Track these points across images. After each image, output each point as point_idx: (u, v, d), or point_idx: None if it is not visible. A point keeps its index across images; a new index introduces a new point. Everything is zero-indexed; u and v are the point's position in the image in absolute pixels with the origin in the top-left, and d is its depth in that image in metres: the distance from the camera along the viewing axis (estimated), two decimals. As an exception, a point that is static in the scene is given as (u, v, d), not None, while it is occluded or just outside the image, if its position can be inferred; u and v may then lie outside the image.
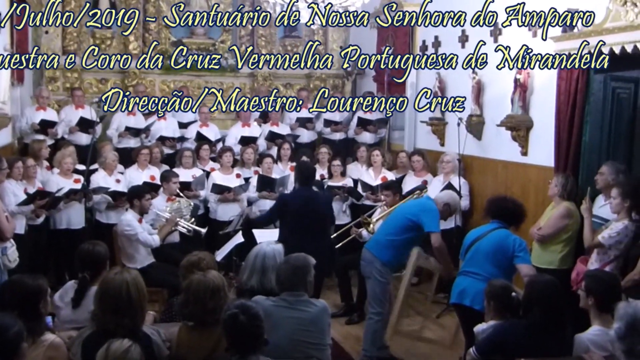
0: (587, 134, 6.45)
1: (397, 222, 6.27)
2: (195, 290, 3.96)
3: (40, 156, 8.22)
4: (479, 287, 5.20)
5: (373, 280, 6.25)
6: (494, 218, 5.62)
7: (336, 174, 9.20)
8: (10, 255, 5.94)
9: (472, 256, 5.53)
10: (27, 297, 3.74)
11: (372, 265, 6.22)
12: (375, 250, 6.24)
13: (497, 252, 5.41)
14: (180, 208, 7.93)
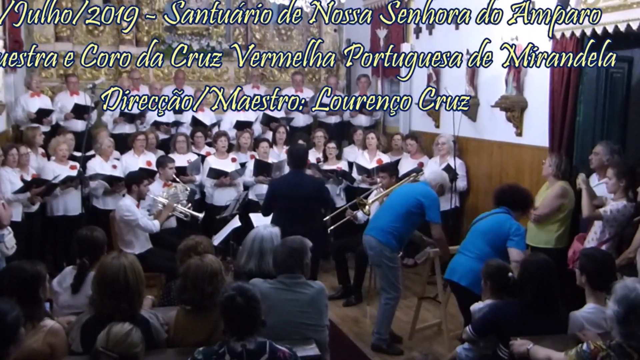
0: (581, 113, 6.47)
1: (400, 209, 6.26)
2: (192, 275, 3.98)
3: (35, 143, 8.22)
4: (469, 264, 5.43)
5: (384, 267, 6.28)
6: (498, 205, 5.68)
7: (331, 157, 9.22)
8: (8, 242, 5.95)
9: (469, 236, 5.68)
10: (26, 283, 3.75)
11: (382, 254, 6.25)
12: (382, 238, 6.23)
13: (493, 232, 5.52)
14: (177, 193, 7.94)
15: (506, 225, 5.49)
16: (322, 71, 11.80)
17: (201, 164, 8.97)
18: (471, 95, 8.23)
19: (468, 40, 8.28)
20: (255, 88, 10.93)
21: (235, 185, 8.86)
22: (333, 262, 8.12)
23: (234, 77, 11.59)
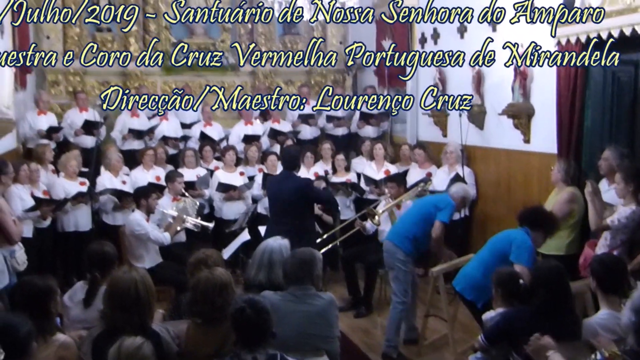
0: (589, 118, 6.46)
1: (417, 215, 6.49)
2: (203, 288, 3.98)
3: (45, 160, 8.26)
4: (466, 270, 5.66)
5: (397, 271, 6.41)
6: (521, 225, 5.61)
7: (340, 169, 9.23)
8: (19, 258, 5.98)
9: (482, 249, 5.72)
10: (37, 297, 3.77)
11: (395, 257, 6.39)
12: (397, 241, 6.41)
13: (498, 243, 5.58)
14: (186, 207, 7.96)
15: (511, 237, 5.49)
16: (328, 83, 11.82)
17: (210, 178, 8.98)
18: (478, 104, 8.23)
19: (473, 49, 8.28)
20: (262, 101, 10.97)
21: (244, 199, 8.87)
22: (343, 273, 8.10)
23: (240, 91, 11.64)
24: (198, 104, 10.57)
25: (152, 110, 10.14)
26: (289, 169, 6.99)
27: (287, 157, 7.18)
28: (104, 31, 11.08)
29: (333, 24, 11.63)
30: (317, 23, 11.20)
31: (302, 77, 11.91)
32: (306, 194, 6.83)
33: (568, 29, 6.33)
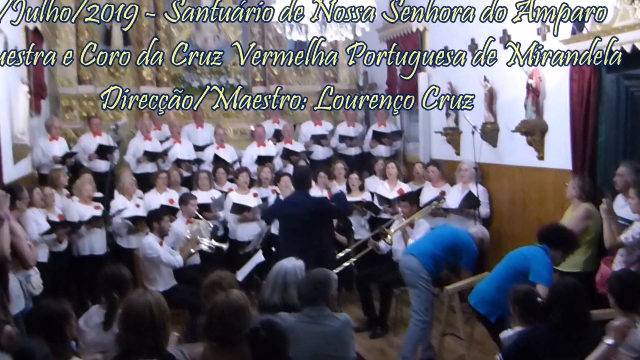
0: (603, 134, 6.42)
1: (445, 242, 6.62)
2: (219, 311, 3.94)
3: (59, 184, 8.29)
4: (480, 285, 5.69)
5: (419, 289, 6.44)
6: (540, 242, 5.60)
7: (354, 189, 9.22)
8: (35, 282, 5.99)
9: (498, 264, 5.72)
10: (52, 321, 3.77)
11: (419, 275, 6.43)
12: (423, 260, 6.44)
13: (516, 259, 5.56)
14: (200, 230, 7.96)
15: (527, 255, 5.48)
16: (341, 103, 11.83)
17: (224, 200, 9.00)
18: (491, 121, 8.22)
19: (484, 68, 8.28)
20: (275, 123, 11.02)
21: (258, 220, 8.87)
22: (357, 293, 8.07)
23: (253, 112, 11.71)
24: (198, 103, 10.97)
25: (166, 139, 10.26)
26: (301, 188, 6.96)
27: (298, 176, 7.17)
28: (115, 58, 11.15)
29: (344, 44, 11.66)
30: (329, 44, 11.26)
31: (314, 98, 11.95)
32: (322, 209, 6.77)
33: (580, 44, 6.32)
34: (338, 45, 11.81)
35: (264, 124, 10.85)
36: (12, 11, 7.97)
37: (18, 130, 7.74)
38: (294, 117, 11.70)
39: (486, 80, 8.15)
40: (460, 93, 8.97)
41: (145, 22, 11.16)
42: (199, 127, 10.79)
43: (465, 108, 8.60)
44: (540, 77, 7.20)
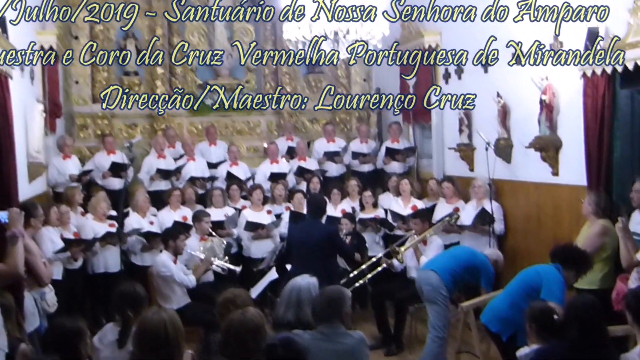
0: (618, 149, 6.38)
1: (464, 261, 6.67)
2: (235, 330, 3.91)
3: (74, 202, 8.32)
4: (493, 302, 5.66)
5: (438, 306, 6.46)
6: (553, 261, 5.59)
7: (368, 206, 9.20)
8: (49, 300, 6.03)
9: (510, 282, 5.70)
10: (67, 339, 3.78)
11: (438, 291, 6.45)
12: (443, 276, 6.47)
13: (528, 276, 5.55)
14: (214, 247, 7.99)
15: (541, 272, 5.47)
16: (353, 120, 11.89)
17: (238, 217, 9.01)
18: (504, 137, 8.19)
19: (498, 83, 8.28)
20: (288, 140, 11.05)
21: (272, 237, 8.88)
22: (372, 310, 8.03)
23: (266, 130, 11.77)
24: (199, 101, 11.29)
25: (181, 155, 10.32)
26: (315, 216, 7.11)
27: (315, 204, 7.26)
28: (131, 75, 11.28)
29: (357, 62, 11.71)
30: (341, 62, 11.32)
31: (326, 115, 11.99)
32: (332, 242, 6.99)
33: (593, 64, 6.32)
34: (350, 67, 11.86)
35: (277, 141, 10.88)
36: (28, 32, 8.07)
37: (33, 149, 7.81)
38: (307, 134, 11.74)
39: (499, 96, 8.13)
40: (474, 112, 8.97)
41: (160, 42, 11.24)
42: (212, 145, 10.83)
43: (467, 108, 8.80)
44: (553, 92, 7.17)
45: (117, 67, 11.30)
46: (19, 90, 7.16)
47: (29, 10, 7.99)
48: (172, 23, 11.41)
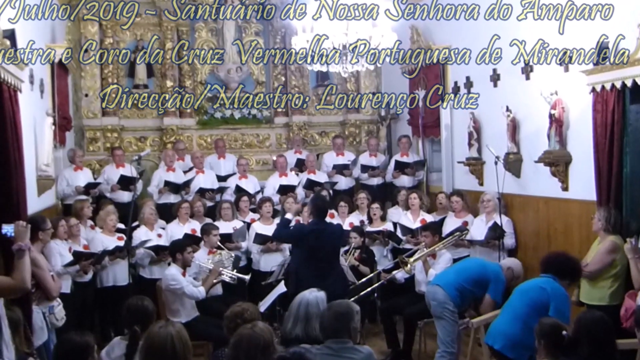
0: (628, 165, 6.34)
1: (472, 274, 6.63)
2: (245, 346, 3.89)
3: (83, 215, 8.34)
4: (501, 327, 5.54)
5: (445, 321, 6.47)
6: (544, 272, 5.65)
7: (375, 219, 9.18)
8: (58, 314, 6.02)
9: (511, 297, 5.69)
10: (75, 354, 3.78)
11: (443, 306, 6.46)
12: (449, 291, 6.48)
13: (532, 291, 5.54)
14: (222, 260, 7.97)
15: (547, 288, 5.45)
16: (363, 133, 11.91)
17: (247, 230, 9.00)
18: (514, 152, 8.17)
19: (507, 97, 8.27)
20: (297, 153, 11.06)
21: (282, 250, 8.86)
22: (381, 325, 7.99)
23: (275, 143, 11.82)
24: (200, 100, 11.45)
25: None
26: (320, 218, 7.11)
27: (322, 206, 7.24)
28: (141, 87, 11.35)
29: (367, 75, 11.76)
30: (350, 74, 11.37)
31: (336, 129, 12.03)
32: (342, 238, 7.20)
33: (602, 75, 6.30)
34: (360, 76, 11.89)
35: (286, 154, 10.90)
36: (38, 45, 8.12)
37: (43, 162, 7.83)
38: (316, 147, 11.77)
39: (509, 110, 8.12)
40: (483, 123, 8.97)
41: (169, 55, 11.32)
42: (220, 158, 10.86)
43: (470, 107, 8.87)
44: (563, 107, 7.15)
45: (127, 80, 11.37)
46: (28, 104, 7.19)
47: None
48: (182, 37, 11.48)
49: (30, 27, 7.63)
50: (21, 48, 6.66)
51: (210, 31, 11.85)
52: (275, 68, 11.89)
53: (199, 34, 11.80)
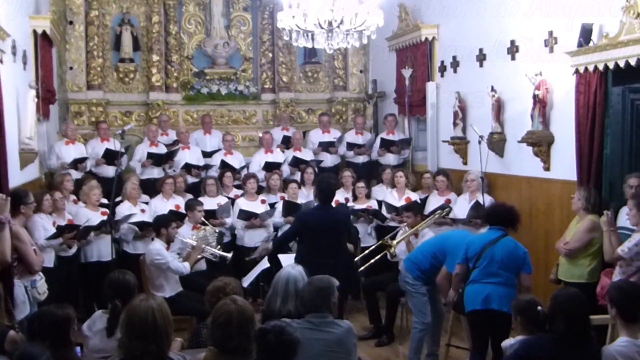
0: (609, 146, 6.42)
1: (428, 246, 6.68)
2: (237, 323, 3.81)
3: (63, 189, 8.26)
4: (503, 291, 5.62)
5: (409, 294, 6.63)
6: (492, 224, 5.94)
7: (360, 197, 9.22)
8: (40, 287, 6.02)
9: (486, 264, 5.73)
10: (56, 326, 3.80)
11: (404, 280, 6.59)
12: (406, 264, 6.64)
13: (510, 259, 5.69)
14: (206, 236, 7.99)
15: (519, 252, 5.74)
16: (349, 111, 11.92)
17: (231, 206, 9.02)
18: (498, 131, 8.22)
19: (493, 77, 8.30)
20: (284, 130, 11.05)
21: (266, 227, 8.89)
22: (364, 301, 8.07)
23: (262, 119, 11.82)
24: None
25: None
26: (325, 202, 6.84)
27: (327, 190, 6.89)
28: (127, 61, 11.28)
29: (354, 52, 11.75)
30: (338, 52, 11.36)
31: (323, 106, 12.03)
32: (349, 226, 7.13)
33: (586, 57, 6.36)
34: (347, 54, 11.87)
35: (272, 131, 10.89)
36: (22, 15, 8.06)
37: (25, 135, 7.78)
38: (303, 124, 11.77)
39: (493, 90, 8.15)
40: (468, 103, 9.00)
41: (155, 28, 11.24)
42: (206, 134, 10.84)
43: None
44: (547, 88, 7.20)
45: (112, 54, 11.30)
46: (10, 75, 7.13)
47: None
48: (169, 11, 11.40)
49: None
50: (3, 18, 6.60)
51: (197, 5, 11.77)
52: (262, 44, 11.84)
53: (186, 7, 11.72)
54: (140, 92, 11.33)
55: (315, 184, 7.41)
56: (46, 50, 9.26)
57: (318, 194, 7.02)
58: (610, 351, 4.07)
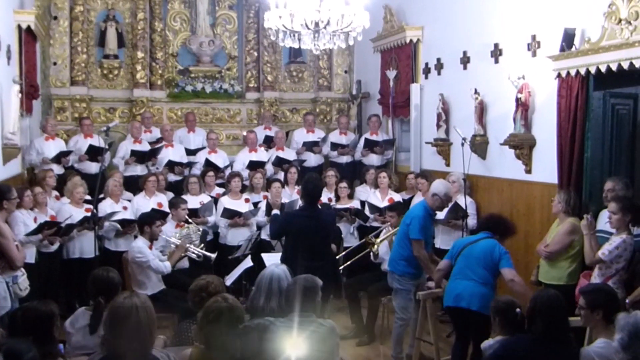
0: (589, 150, 6.51)
1: (400, 234, 6.80)
2: (215, 316, 3.93)
3: (45, 185, 8.23)
4: (474, 289, 5.71)
5: (394, 290, 6.81)
6: (481, 230, 6.09)
7: (343, 197, 9.27)
8: (21, 283, 5.99)
9: (464, 262, 5.86)
10: (40, 322, 3.80)
11: (393, 277, 6.80)
12: (391, 266, 6.82)
13: (486, 257, 5.77)
14: (190, 234, 7.99)
15: (495, 250, 5.80)
16: (334, 111, 11.96)
17: (214, 205, 9.02)
18: (480, 134, 8.29)
19: (476, 80, 8.37)
20: (267, 129, 11.07)
21: (249, 226, 8.90)
22: (346, 301, 8.10)
23: (246, 118, 11.83)
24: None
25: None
26: (311, 203, 6.74)
27: (313, 191, 6.79)
28: (111, 58, 11.24)
29: (339, 53, 11.79)
30: (323, 52, 11.38)
31: (307, 106, 12.06)
32: (334, 226, 7.30)
33: (568, 62, 6.44)
34: (332, 54, 11.91)
35: (256, 130, 10.90)
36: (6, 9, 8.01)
37: (8, 130, 7.74)
38: (287, 124, 11.79)
39: (477, 92, 8.22)
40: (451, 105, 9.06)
41: (140, 25, 11.22)
42: (190, 132, 10.83)
43: None
44: (529, 91, 7.28)
45: (96, 50, 11.26)
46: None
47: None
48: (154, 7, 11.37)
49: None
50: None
51: (183, 3, 11.77)
52: (248, 43, 11.85)
53: (171, 5, 11.73)
54: (125, 88, 11.32)
55: (301, 185, 7.20)
56: (30, 45, 9.20)
57: (304, 195, 6.87)
58: (588, 352, 4.13)
